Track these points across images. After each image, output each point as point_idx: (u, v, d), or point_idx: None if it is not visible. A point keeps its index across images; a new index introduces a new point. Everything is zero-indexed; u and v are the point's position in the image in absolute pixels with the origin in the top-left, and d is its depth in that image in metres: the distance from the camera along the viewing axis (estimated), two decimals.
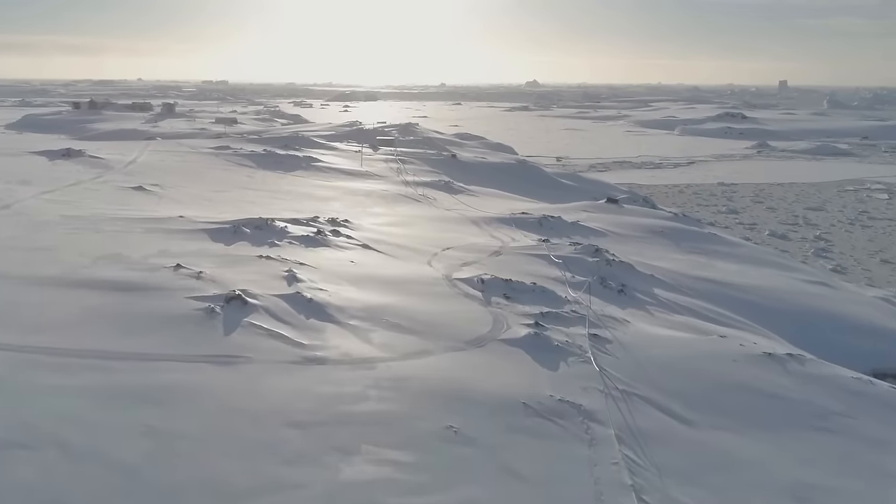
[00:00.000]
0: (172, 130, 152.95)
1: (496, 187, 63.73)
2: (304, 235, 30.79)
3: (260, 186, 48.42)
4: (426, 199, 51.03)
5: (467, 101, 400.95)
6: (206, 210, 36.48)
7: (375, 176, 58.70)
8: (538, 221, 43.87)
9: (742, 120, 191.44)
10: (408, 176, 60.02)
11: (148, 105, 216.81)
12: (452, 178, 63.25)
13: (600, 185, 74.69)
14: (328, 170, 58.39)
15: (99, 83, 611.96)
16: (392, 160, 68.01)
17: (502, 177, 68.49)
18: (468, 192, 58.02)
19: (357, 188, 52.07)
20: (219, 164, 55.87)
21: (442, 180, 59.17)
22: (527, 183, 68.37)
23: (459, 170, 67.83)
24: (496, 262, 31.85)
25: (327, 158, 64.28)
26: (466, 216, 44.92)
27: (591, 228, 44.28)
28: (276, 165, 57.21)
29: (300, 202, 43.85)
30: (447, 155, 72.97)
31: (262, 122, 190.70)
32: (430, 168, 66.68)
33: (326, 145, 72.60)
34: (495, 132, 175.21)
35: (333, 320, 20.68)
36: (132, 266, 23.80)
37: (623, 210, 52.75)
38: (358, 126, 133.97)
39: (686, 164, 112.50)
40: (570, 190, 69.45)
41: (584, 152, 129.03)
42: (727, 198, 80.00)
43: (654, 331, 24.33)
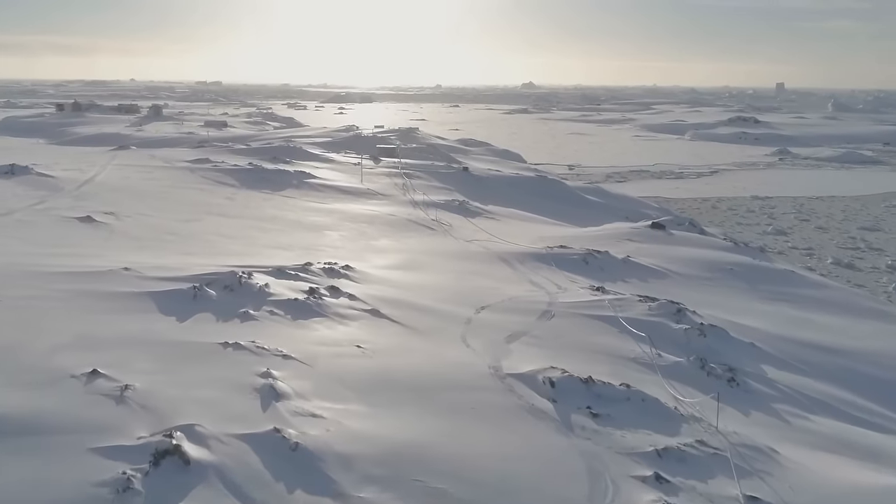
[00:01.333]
0: (157, 135, 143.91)
1: (516, 206, 55.50)
2: (291, 299, 22.44)
3: (241, 212, 40.01)
4: (440, 226, 42.74)
5: (464, 103, 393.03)
6: (164, 253, 28.10)
7: (378, 195, 50.39)
8: (583, 259, 35.63)
9: (755, 124, 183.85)
10: (416, 194, 51.77)
11: (135, 107, 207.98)
12: (466, 195, 54.98)
13: (628, 200, 66.56)
14: (323, 188, 50.01)
15: (90, 84, 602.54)
16: (396, 174, 59.73)
17: (521, 193, 60.28)
18: (487, 213, 49.77)
19: (358, 212, 43.77)
20: (194, 182, 47.44)
21: (455, 200, 50.91)
22: (548, 200, 60.17)
23: (473, 185, 59.55)
24: (551, 332, 23.63)
25: (322, 173, 55.92)
26: (492, 250, 36.68)
27: (647, 267, 36.08)
28: (263, 183, 48.77)
29: (289, 234, 35.53)
30: (458, 168, 64.67)
31: (253, 125, 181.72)
32: (440, 184, 58.39)
33: (321, 157, 64.13)
34: (498, 137, 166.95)
35: (334, 492, 12.37)
36: (20, 374, 15.41)
37: (672, 238, 44.57)
38: (355, 131, 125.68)
39: (709, 174, 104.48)
40: (597, 208, 61.33)
41: (595, 159, 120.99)
42: (767, 215, 71.92)
43: (817, 467, 16.08)
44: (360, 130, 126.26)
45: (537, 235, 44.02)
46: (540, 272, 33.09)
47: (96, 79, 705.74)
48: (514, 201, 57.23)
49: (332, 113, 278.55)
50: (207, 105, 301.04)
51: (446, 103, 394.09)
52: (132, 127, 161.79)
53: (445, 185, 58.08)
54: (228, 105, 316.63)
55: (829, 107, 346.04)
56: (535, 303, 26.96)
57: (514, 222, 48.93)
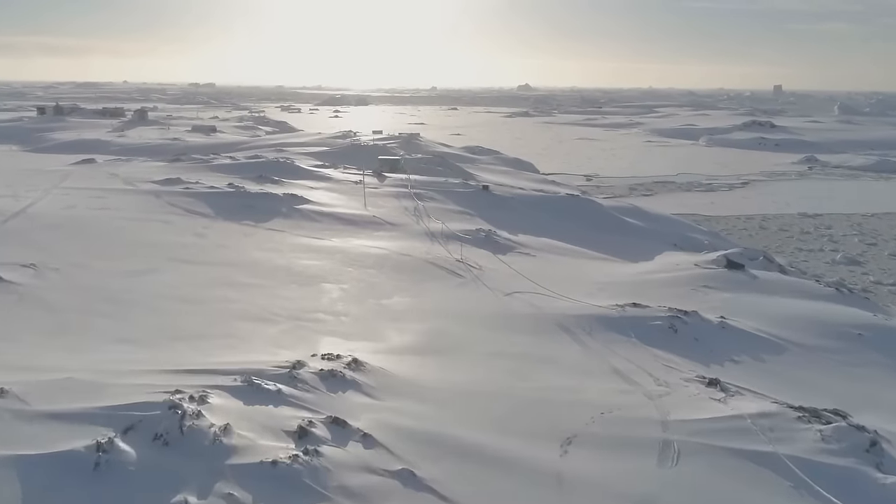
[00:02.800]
0: (139, 141, 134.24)
1: (549, 233, 46.39)
2: (267, 463, 13.26)
3: (212, 256, 30.76)
4: (467, 269, 33.63)
5: (462, 106, 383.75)
6: (82, 346, 18.92)
7: (386, 224, 41.22)
8: (668, 324, 26.51)
9: (771, 129, 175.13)
10: (431, 221, 42.65)
11: (119, 111, 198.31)
12: (491, 222, 45.94)
13: (671, 222, 57.52)
14: (319, 216, 40.78)
15: (82, 85, 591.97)
16: (405, 194, 50.61)
17: (552, 217, 51.16)
18: (519, 247, 40.66)
19: (363, 251, 34.58)
20: (158, 211, 38.16)
21: (480, 230, 41.79)
22: (584, 224, 51.09)
23: (496, 208, 50.44)
24: (687, 492, 14.59)
25: (317, 195, 46.74)
26: (544, 310, 27.61)
27: (753, 335, 27.01)
28: (245, 212, 39.51)
29: (274, 292, 26.38)
30: (476, 186, 55.51)
31: (244, 130, 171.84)
32: (458, 206, 49.29)
33: (316, 174, 54.77)
34: (504, 142, 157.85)
35: None
36: None
37: (757, 282, 35.55)
38: (352, 138, 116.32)
39: (741, 185, 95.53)
40: (639, 233, 52.29)
41: (613, 168, 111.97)
42: (826, 237, 62.95)
43: None
44: (359, 137, 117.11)
45: (590, 280, 34.96)
46: (619, 349, 23.99)
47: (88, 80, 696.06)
48: (545, 227, 48.13)
49: (326, 116, 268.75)
50: (199, 108, 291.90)
51: (444, 106, 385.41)
52: (114, 132, 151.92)
53: (464, 209, 48.98)
54: (220, 108, 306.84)
55: (836, 110, 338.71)
56: (640, 423, 17.86)
57: (554, 259, 39.82)
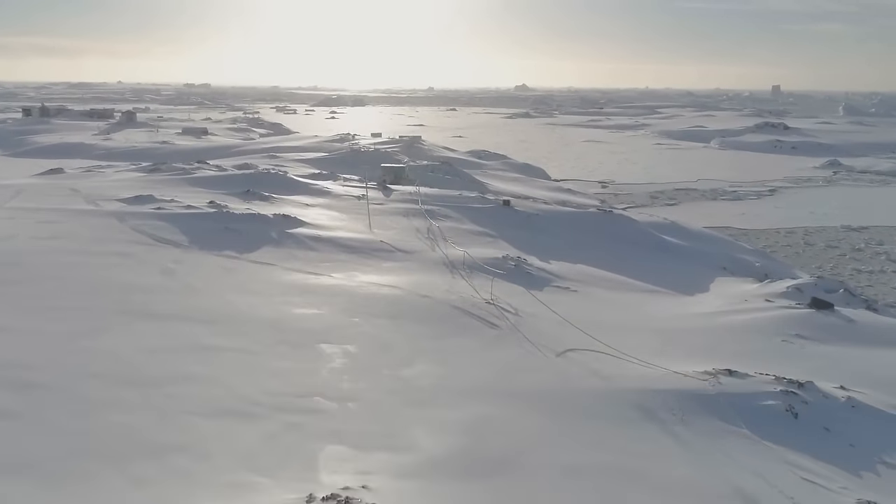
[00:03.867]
0: (125, 145, 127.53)
1: (585, 258, 39.80)
2: None
3: (175, 306, 23.91)
4: (500, 312, 27.01)
5: (461, 107, 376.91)
6: None
7: (397, 252, 34.52)
8: (785, 406, 19.89)
9: (785, 131, 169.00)
10: (450, 246, 36.03)
11: (108, 112, 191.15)
12: (517, 245, 39.36)
13: (714, 241, 51.03)
14: (316, 243, 34.03)
15: (75, 86, 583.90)
16: (415, 211, 43.98)
17: (585, 237, 44.58)
18: (556, 279, 34.03)
19: (371, 290, 27.87)
20: (120, 240, 31.34)
21: (507, 258, 35.14)
22: (621, 245, 44.53)
23: (521, 228, 43.81)
24: None
25: (314, 215, 40.01)
26: (613, 381, 20.97)
27: (892, 416, 20.51)
28: (226, 238, 32.69)
29: (257, 361, 19.71)
30: (495, 200, 48.80)
31: (237, 132, 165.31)
32: (477, 226, 42.64)
33: (312, 187, 47.87)
34: (508, 145, 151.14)
35: None
36: None
37: (855, 327, 29.08)
38: (350, 142, 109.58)
39: (768, 193, 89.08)
40: (683, 254, 45.80)
41: (627, 174, 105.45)
42: (882, 255, 56.46)
43: None
44: (358, 141, 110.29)
45: (652, 325, 28.32)
46: (731, 451, 17.37)
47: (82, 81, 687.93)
48: (578, 250, 41.53)
49: (323, 118, 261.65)
50: (193, 108, 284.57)
51: (442, 107, 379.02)
52: (99, 135, 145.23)
53: (484, 229, 42.32)
54: (214, 109, 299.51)
55: (841, 110, 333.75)
56: None
57: (600, 294, 33.18)
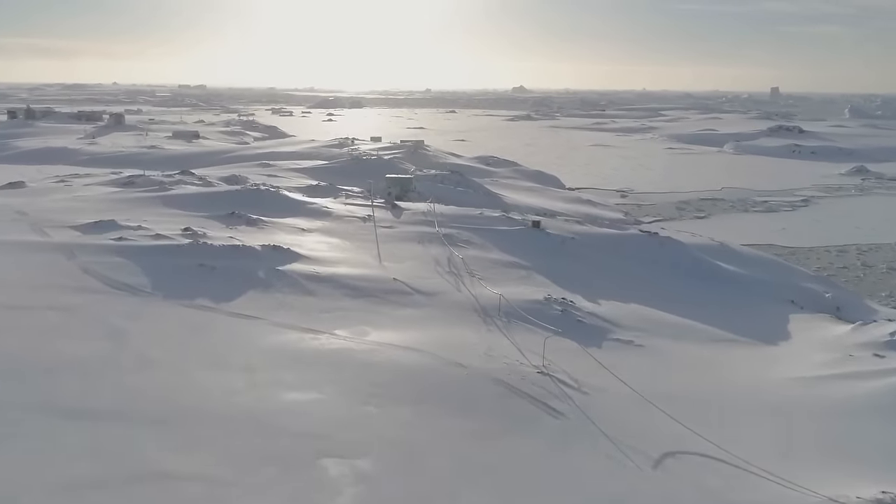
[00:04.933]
0: (111, 149, 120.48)
1: (638, 295, 33.19)
2: None
3: (117, 393, 16.96)
4: (558, 388, 20.44)
5: (460, 109, 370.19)
6: None
7: (415, 294, 27.84)
8: None
9: (800, 135, 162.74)
10: (477, 283, 29.40)
11: (96, 115, 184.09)
12: (556, 278, 32.78)
13: (773, 266, 44.38)
14: (315, 284, 27.27)
15: (69, 87, 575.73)
16: (430, 235, 37.29)
17: (631, 266, 37.95)
18: (614, 329, 27.44)
19: (386, 357, 21.19)
20: (64, 286, 24.57)
21: (551, 300, 28.56)
22: (673, 274, 37.91)
23: (556, 255, 37.11)
24: None
25: (312, 243, 33.30)
26: None
27: None
28: (200, 281, 25.93)
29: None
30: (522, 220, 42.05)
31: (230, 136, 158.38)
32: (506, 254, 35.97)
33: (309, 206, 41.01)
34: (514, 150, 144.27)
35: None
36: None
37: None
38: (350, 147, 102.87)
39: (802, 204, 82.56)
40: (745, 285, 39.14)
41: (645, 182, 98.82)
42: None
43: None
44: (358, 147, 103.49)
45: (755, 402, 21.74)
46: None
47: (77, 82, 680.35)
48: (627, 283, 34.94)
49: (320, 120, 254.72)
50: (187, 110, 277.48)
51: (441, 109, 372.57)
52: (85, 139, 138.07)
53: (514, 258, 35.63)
54: (208, 111, 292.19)
55: (846, 112, 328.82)
56: None
57: (669, 348, 26.53)
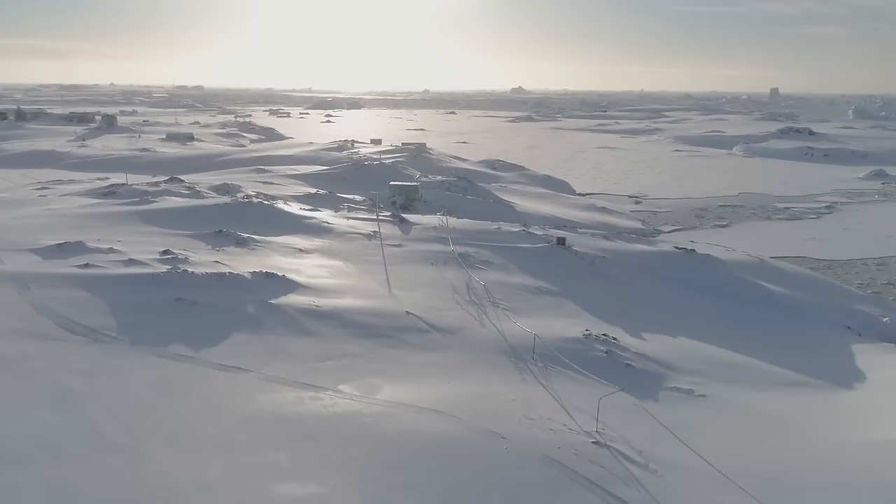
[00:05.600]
0: (101, 152, 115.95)
1: (683, 325, 29.12)
2: None
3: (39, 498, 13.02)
4: (621, 465, 16.21)
5: (459, 110, 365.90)
6: None
7: (432, 332, 23.67)
8: None
9: (811, 137, 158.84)
10: (504, 316, 25.24)
11: (88, 116, 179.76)
12: (591, 307, 28.67)
13: (821, 286, 40.27)
14: (314, 320, 23.08)
15: (66, 88, 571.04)
16: (444, 254, 33.12)
17: (671, 289, 33.86)
18: (665, 372, 23.34)
19: (401, 424, 17.04)
20: (6, 332, 20.47)
21: (591, 337, 24.46)
22: (719, 300, 33.81)
23: (587, 278, 33.00)
24: None
25: (310, 267, 29.13)
26: None
27: None
28: (177, 320, 21.74)
29: None
30: (545, 238, 37.85)
31: (226, 138, 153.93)
32: (531, 277, 31.83)
33: (308, 222, 36.81)
34: (518, 152, 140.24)
35: None
36: None
37: None
38: (350, 151, 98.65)
39: (826, 211, 78.40)
40: (794, 308, 35.07)
41: (657, 186, 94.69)
42: None
43: None
44: (358, 150, 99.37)
45: (860, 477, 17.64)
46: None
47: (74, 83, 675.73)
48: (670, 312, 30.84)
49: (318, 121, 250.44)
50: (184, 111, 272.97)
51: (440, 110, 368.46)
52: (75, 141, 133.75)
53: (540, 282, 31.48)
54: (205, 112, 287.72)
55: (850, 114, 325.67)
56: None
57: (734, 397, 22.38)
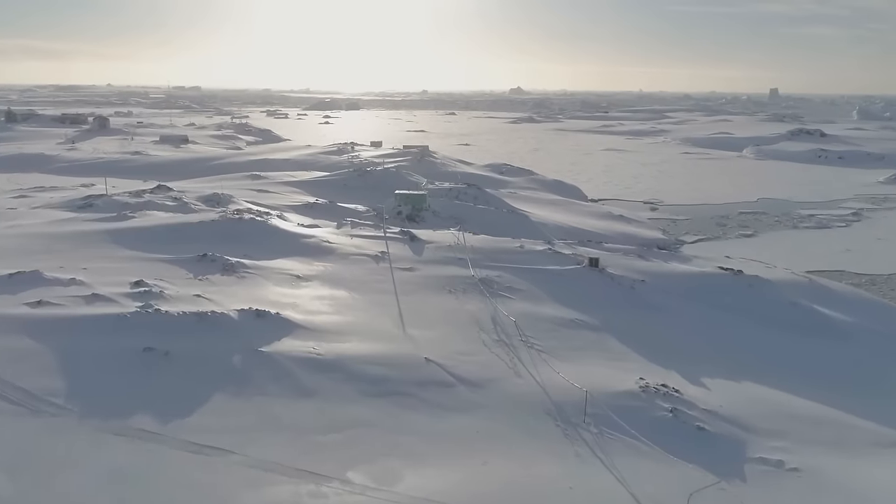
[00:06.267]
0: (92, 156, 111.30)
1: (748, 371, 24.78)
2: None
3: None
4: None
5: (459, 111, 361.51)
6: None
7: (458, 385, 19.30)
8: None
9: (822, 139, 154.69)
10: (540, 359, 20.83)
11: (80, 117, 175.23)
12: (636, 344, 24.36)
13: (881, 310, 35.96)
14: (314, 373, 18.71)
15: (62, 89, 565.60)
16: (463, 280, 28.76)
17: (720, 316, 29.59)
18: (746, 436, 18.98)
19: None
20: None
21: (649, 390, 20.15)
22: (775, 330, 29.50)
23: (627, 307, 28.68)
24: None
25: (310, 301, 24.80)
26: None
27: None
28: (147, 374, 17.32)
29: None
30: (574, 258, 33.47)
31: (221, 140, 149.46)
32: (564, 307, 27.51)
33: (306, 243, 32.46)
34: (523, 155, 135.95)
35: None
36: None
37: None
38: (350, 154, 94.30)
39: (853, 218, 74.25)
40: (857, 338, 30.86)
41: (672, 191, 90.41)
42: None
43: None
44: (358, 154, 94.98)
45: None
46: None
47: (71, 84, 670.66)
48: (727, 349, 26.53)
49: (316, 123, 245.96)
50: (177, 113, 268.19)
51: (439, 111, 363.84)
52: (64, 144, 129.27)
53: (576, 313, 27.14)
54: (201, 113, 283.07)
55: (854, 115, 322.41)
56: None
57: (845, 474, 18.07)
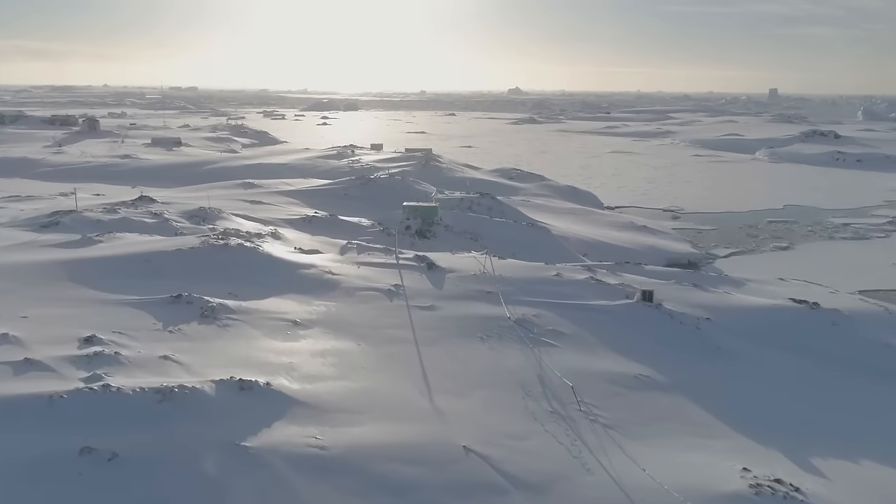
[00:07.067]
0: (79, 159, 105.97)
1: (863, 447, 19.87)
2: None
3: None
4: None
5: (459, 111, 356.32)
6: None
7: (512, 492, 14.20)
8: None
9: (836, 140, 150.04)
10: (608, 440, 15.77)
11: (71, 119, 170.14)
12: (719, 412, 19.44)
13: None
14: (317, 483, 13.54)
15: (57, 89, 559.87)
16: (495, 320, 23.64)
17: (808, 367, 24.57)
18: None
19: None
20: None
21: (760, 489, 15.05)
22: (875, 384, 24.58)
23: (696, 356, 23.69)
24: None
25: (307, 358, 19.77)
26: None
27: None
28: (79, 494, 12.60)
29: None
30: (624, 290, 28.44)
31: (216, 142, 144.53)
32: (625, 359, 22.51)
33: (305, 276, 27.37)
34: (529, 157, 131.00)
35: None
36: None
37: None
38: (350, 158, 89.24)
39: (891, 228, 69.35)
40: None
41: (691, 197, 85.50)
42: None
43: None
44: (359, 157, 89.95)
45: None
46: None
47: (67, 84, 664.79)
48: (830, 414, 21.65)
49: (314, 124, 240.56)
50: (172, 114, 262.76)
51: (439, 111, 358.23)
52: (51, 147, 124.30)
53: (640, 366, 22.19)
54: (197, 114, 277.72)
55: (859, 115, 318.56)
56: None
57: None
